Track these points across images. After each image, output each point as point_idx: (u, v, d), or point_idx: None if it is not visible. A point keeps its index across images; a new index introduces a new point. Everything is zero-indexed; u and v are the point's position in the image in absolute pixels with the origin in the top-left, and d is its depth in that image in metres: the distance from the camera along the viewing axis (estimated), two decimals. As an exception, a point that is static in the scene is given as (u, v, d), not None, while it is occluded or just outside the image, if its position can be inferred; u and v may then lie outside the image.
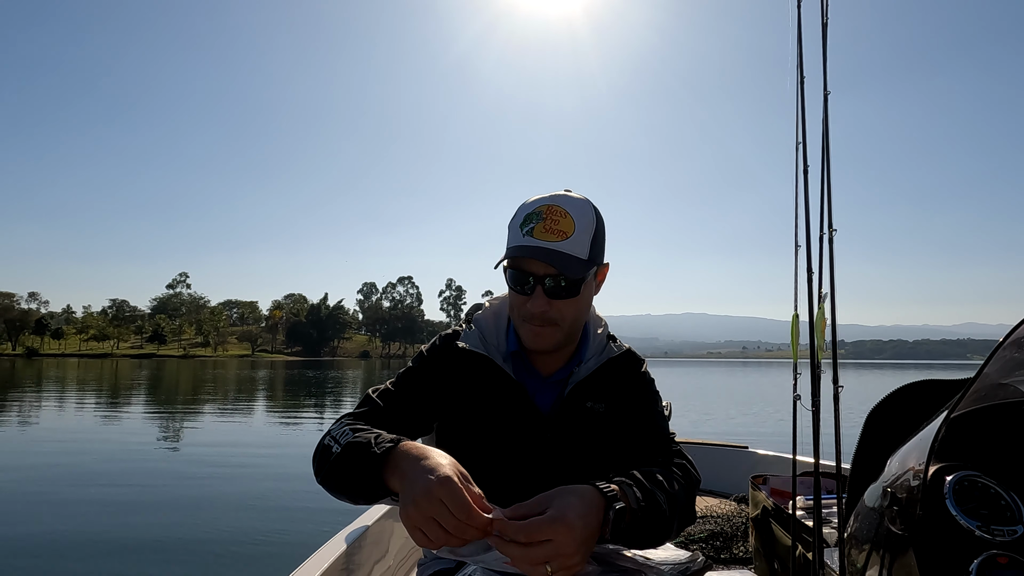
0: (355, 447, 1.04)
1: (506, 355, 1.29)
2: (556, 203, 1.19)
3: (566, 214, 1.17)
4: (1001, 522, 0.97)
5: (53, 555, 5.10)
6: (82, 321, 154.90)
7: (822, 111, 1.42)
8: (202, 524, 5.97)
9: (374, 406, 1.22)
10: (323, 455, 1.10)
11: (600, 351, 1.34)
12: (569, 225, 1.17)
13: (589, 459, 1.29)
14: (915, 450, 1.07)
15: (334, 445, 1.08)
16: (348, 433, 1.08)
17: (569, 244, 1.16)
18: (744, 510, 3.39)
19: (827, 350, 1.38)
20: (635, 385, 1.35)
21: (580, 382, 1.30)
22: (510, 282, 1.22)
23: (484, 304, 1.38)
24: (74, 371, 46.82)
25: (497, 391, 1.27)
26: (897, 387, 1.31)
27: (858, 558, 1.12)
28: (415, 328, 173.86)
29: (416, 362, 1.32)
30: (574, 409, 1.29)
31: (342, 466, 1.04)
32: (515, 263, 1.19)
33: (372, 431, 1.08)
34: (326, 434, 1.13)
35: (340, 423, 1.15)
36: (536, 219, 1.17)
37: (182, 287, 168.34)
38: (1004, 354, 1.04)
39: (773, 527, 2.22)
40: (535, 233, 1.16)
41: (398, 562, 2.27)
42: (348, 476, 1.04)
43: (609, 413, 1.31)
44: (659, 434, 1.28)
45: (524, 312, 1.21)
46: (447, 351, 1.30)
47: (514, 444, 1.26)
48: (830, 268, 1.37)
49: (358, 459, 1.02)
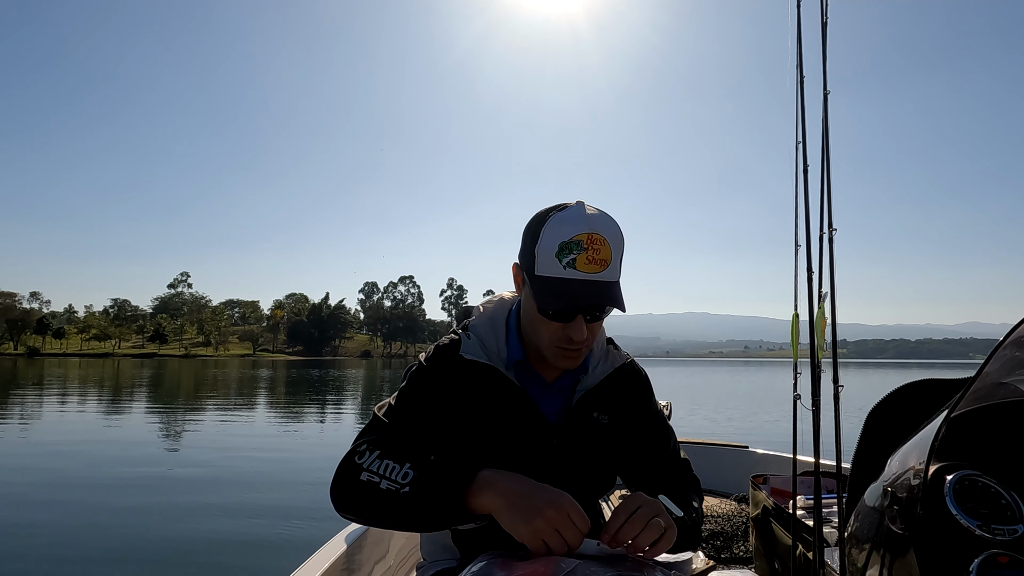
0: (423, 480, 1.06)
1: (508, 363, 1.27)
2: (594, 230, 1.12)
3: (605, 242, 1.12)
4: (1001, 521, 0.97)
5: (53, 555, 5.10)
6: (84, 321, 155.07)
7: (822, 110, 1.42)
8: (202, 524, 5.97)
9: (386, 429, 1.19)
10: (364, 491, 1.08)
11: (604, 357, 1.34)
12: (608, 253, 1.12)
13: (595, 469, 1.29)
14: (915, 449, 1.07)
15: (382, 481, 1.07)
16: (393, 467, 1.08)
17: (609, 272, 1.13)
18: (744, 510, 3.39)
19: (827, 349, 1.38)
20: (640, 400, 1.36)
21: (587, 392, 1.29)
22: (547, 313, 1.16)
23: (477, 309, 1.35)
24: (76, 370, 46.86)
25: (502, 399, 1.25)
26: (897, 386, 1.31)
27: (858, 557, 1.12)
28: (416, 328, 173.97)
29: (417, 378, 1.26)
30: (581, 419, 1.28)
31: (408, 502, 1.05)
32: (560, 298, 1.14)
33: (413, 456, 1.11)
34: (357, 468, 1.11)
35: (366, 455, 1.12)
36: (577, 249, 1.10)
37: (183, 287, 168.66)
38: (1004, 353, 1.04)
39: (773, 527, 2.22)
40: (578, 265, 1.10)
41: (398, 562, 2.28)
42: (416, 510, 1.05)
43: (613, 425, 1.31)
44: (671, 447, 1.36)
45: (561, 339, 1.17)
46: (446, 362, 1.26)
47: (521, 452, 1.24)
48: (830, 267, 1.37)
49: (434, 491, 1.04)
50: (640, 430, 1.34)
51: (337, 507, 1.14)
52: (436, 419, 1.22)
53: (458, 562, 1.27)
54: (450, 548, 1.31)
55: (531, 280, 1.17)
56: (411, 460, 1.09)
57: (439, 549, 1.33)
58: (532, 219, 1.20)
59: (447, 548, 1.31)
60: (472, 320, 1.32)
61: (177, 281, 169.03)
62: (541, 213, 1.18)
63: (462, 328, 1.31)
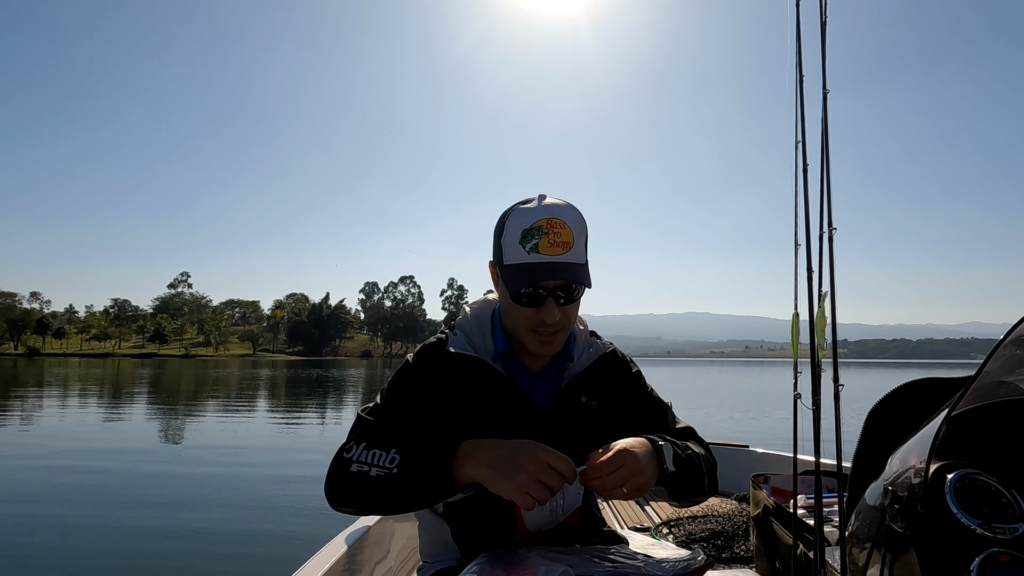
0: (409, 460, 1.09)
1: (495, 355, 1.31)
2: (552, 215, 1.18)
3: (565, 225, 1.18)
4: (1002, 520, 0.97)
5: (53, 555, 5.11)
6: (84, 321, 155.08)
7: (821, 109, 1.42)
8: (203, 524, 5.98)
9: (372, 426, 1.22)
10: (356, 481, 1.11)
11: (588, 346, 1.39)
12: (570, 235, 1.18)
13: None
14: (916, 448, 1.07)
15: (371, 469, 1.11)
16: (380, 454, 1.11)
17: (573, 254, 1.18)
18: (745, 509, 3.39)
19: (827, 349, 1.38)
20: (629, 383, 1.41)
21: (574, 378, 1.33)
22: (521, 299, 1.20)
23: (463, 309, 1.39)
24: (76, 370, 46.88)
25: (491, 390, 1.28)
26: (897, 385, 1.31)
27: (859, 556, 1.12)
28: (417, 327, 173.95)
29: (404, 375, 1.29)
30: (570, 403, 1.32)
31: (399, 483, 1.09)
32: (526, 280, 1.18)
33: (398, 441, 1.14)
34: (347, 461, 1.13)
35: (353, 448, 1.15)
36: (538, 234, 1.17)
37: (184, 287, 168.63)
38: (1005, 352, 1.04)
39: (774, 526, 2.22)
40: (541, 248, 1.16)
41: (399, 563, 2.28)
42: (407, 489, 1.09)
43: (602, 410, 1.35)
44: (670, 420, 1.37)
45: (536, 323, 1.21)
46: (433, 358, 1.30)
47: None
48: (830, 267, 1.37)
49: (420, 468, 1.08)
50: (634, 411, 1.38)
51: (332, 502, 1.16)
52: (424, 412, 1.26)
53: (458, 562, 1.28)
54: (451, 548, 1.31)
55: (501, 271, 1.23)
56: (396, 445, 1.13)
57: (439, 549, 1.34)
58: (499, 216, 1.27)
59: (447, 548, 1.32)
60: (458, 319, 1.37)
61: (177, 281, 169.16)
62: (507, 209, 1.26)
63: (449, 327, 1.36)
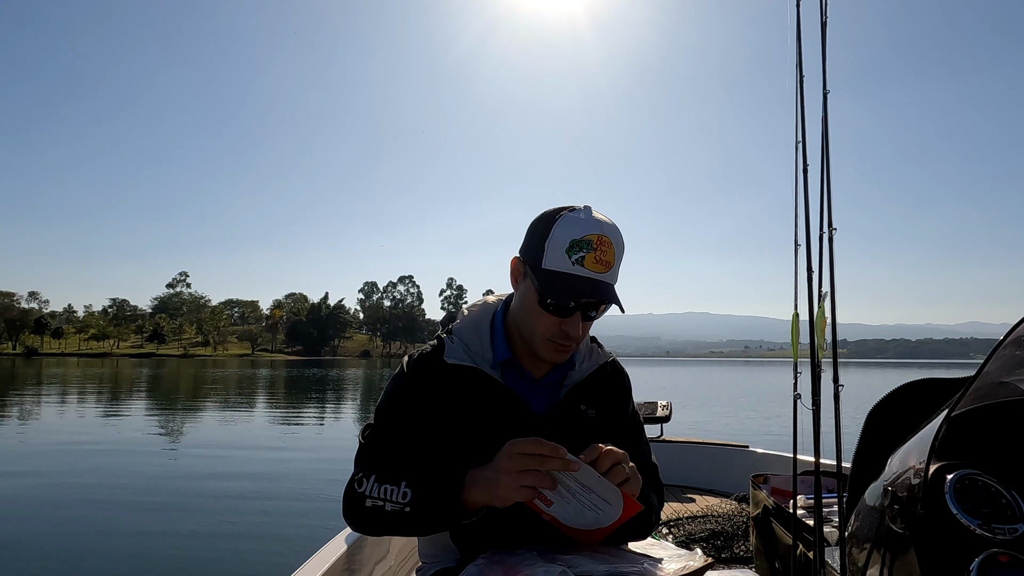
0: (420, 496, 1.13)
1: (494, 363, 1.29)
2: (604, 233, 1.18)
3: (611, 245, 1.18)
4: (1002, 520, 0.97)
5: (53, 556, 5.10)
6: (82, 321, 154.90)
7: (821, 110, 1.42)
8: (202, 524, 5.98)
9: (374, 453, 1.24)
10: (373, 516, 1.17)
11: (589, 354, 1.38)
12: (613, 255, 1.19)
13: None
14: (915, 449, 1.08)
15: (386, 504, 1.15)
16: (391, 489, 1.15)
17: (611, 274, 1.19)
18: (745, 509, 3.39)
19: (827, 349, 1.38)
20: (623, 397, 1.41)
21: (574, 386, 1.32)
22: (548, 306, 1.20)
23: (461, 312, 1.37)
24: (74, 370, 46.84)
25: (489, 400, 1.27)
26: (897, 386, 1.32)
27: (859, 557, 1.12)
28: (416, 327, 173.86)
29: (397, 391, 1.28)
30: (569, 412, 1.31)
31: (413, 518, 1.14)
32: (566, 292, 1.18)
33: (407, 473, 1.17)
34: (360, 496, 1.18)
35: (364, 482, 1.19)
36: (587, 248, 1.16)
37: (182, 286, 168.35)
38: (1004, 352, 1.04)
39: (774, 526, 2.22)
40: (586, 263, 1.16)
41: (398, 563, 2.28)
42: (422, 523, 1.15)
43: (599, 419, 1.34)
44: (642, 449, 1.39)
45: (556, 332, 1.21)
46: (428, 369, 1.28)
47: None
48: (830, 267, 1.37)
49: (431, 504, 1.12)
50: (618, 429, 1.37)
51: (354, 529, 1.25)
52: (422, 428, 1.25)
53: (458, 562, 1.28)
54: (450, 548, 1.31)
55: (536, 273, 1.20)
56: (406, 478, 1.16)
57: (438, 550, 1.34)
58: (541, 215, 1.24)
59: (446, 548, 1.31)
60: (456, 324, 1.34)
61: (176, 281, 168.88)
62: (551, 211, 1.23)
63: (446, 332, 1.34)
